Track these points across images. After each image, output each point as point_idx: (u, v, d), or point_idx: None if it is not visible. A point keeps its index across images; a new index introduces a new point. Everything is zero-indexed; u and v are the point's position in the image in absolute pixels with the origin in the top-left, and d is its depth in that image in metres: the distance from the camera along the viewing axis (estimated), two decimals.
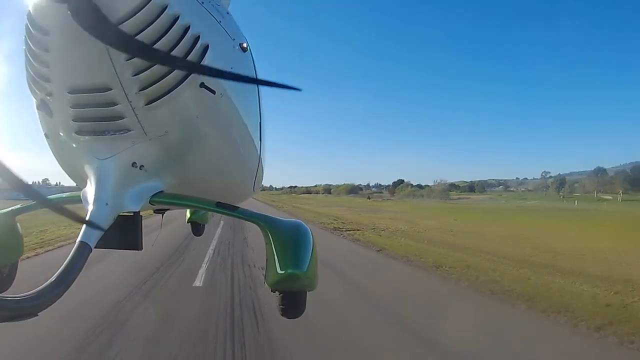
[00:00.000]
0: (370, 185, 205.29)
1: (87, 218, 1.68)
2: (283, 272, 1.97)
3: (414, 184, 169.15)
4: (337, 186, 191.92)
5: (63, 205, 1.58)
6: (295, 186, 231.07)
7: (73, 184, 2.33)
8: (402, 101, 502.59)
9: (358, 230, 16.15)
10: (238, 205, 2.28)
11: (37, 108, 1.86)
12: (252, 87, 2.47)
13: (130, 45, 1.39)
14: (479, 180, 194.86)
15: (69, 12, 1.28)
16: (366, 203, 71.04)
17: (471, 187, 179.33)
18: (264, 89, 2.69)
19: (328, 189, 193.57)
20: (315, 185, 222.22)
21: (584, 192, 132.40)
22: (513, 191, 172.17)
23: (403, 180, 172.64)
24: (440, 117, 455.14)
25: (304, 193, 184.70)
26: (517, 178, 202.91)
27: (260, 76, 2.40)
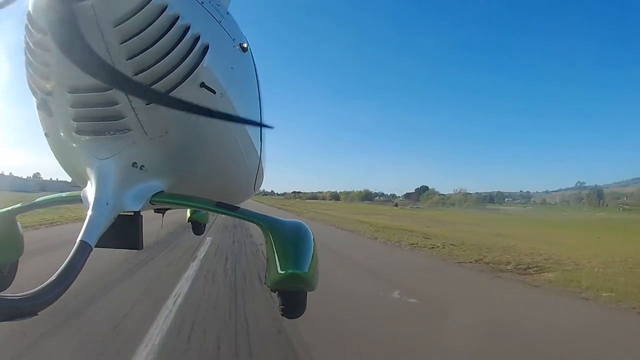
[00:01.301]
0: (375, 192, 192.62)
1: (87, 217, 1.67)
2: (284, 272, 1.94)
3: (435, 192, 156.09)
4: (346, 193, 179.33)
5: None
6: (299, 192, 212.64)
7: (69, 178, 2.30)
8: (407, 111, 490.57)
9: (545, 270, 6.95)
10: (238, 206, 2.27)
11: (38, 108, 1.83)
12: (252, 87, 2.46)
13: (126, 84, 1.44)
14: (497, 192, 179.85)
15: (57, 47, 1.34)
16: (400, 211, 58.92)
17: (490, 199, 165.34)
18: (264, 90, 2.68)
19: (335, 196, 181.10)
20: (319, 192, 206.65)
21: (617, 204, 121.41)
22: (535, 203, 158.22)
23: (427, 187, 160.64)
24: (443, 128, 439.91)
25: (309, 199, 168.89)
26: (520, 191, 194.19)
27: (261, 75, 2.57)
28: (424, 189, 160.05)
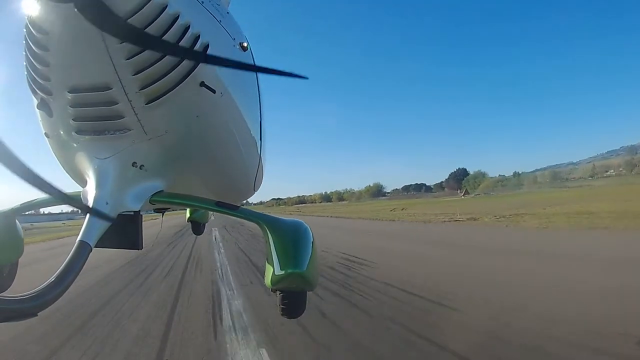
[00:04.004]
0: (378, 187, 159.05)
1: (87, 217, 1.66)
2: (283, 271, 1.95)
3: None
4: (345, 191, 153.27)
5: (67, 196, 1.58)
6: (280, 198, 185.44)
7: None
8: (375, 110, 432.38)
9: None
10: (238, 205, 2.32)
11: (37, 107, 1.83)
12: (252, 86, 2.46)
13: (136, 37, 1.37)
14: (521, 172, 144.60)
15: (75, 9, 1.29)
16: (490, 200, 47.46)
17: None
18: (263, 89, 2.68)
19: (327, 197, 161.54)
20: (306, 196, 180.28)
21: None
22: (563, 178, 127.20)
23: (466, 171, 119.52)
24: (416, 122, 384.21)
25: (296, 204, 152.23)
26: (533, 169, 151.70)
27: (260, 79, 2.54)
28: (463, 172, 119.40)
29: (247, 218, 2.16)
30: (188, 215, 5.55)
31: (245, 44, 2.08)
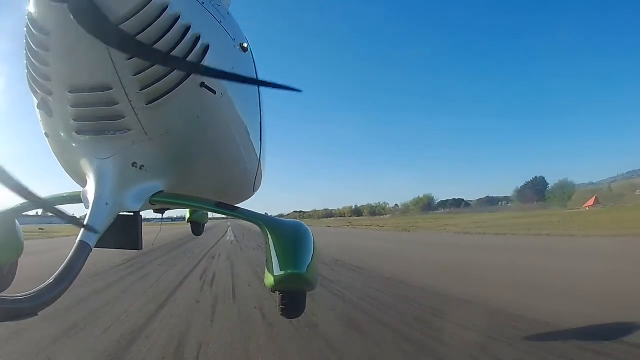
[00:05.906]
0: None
1: (87, 217, 1.67)
2: (283, 272, 1.95)
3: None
4: (377, 205, 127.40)
5: (58, 208, 1.58)
6: (303, 211, 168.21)
7: None
8: (396, 122, 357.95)
9: None
10: (238, 206, 2.32)
11: (38, 107, 1.83)
12: (252, 87, 2.48)
13: (130, 46, 1.43)
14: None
15: (70, 15, 1.31)
16: None
17: None
18: (264, 91, 2.68)
19: (357, 211, 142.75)
20: (333, 209, 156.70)
21: None
22: None
23: (545, 180, 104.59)
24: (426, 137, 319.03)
25: (323, 217, 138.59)
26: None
27: (261, 76, 2.51)
28: (541, 182, 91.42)
29: (247, 218, 2.16)
30: (188, 216, 5.57)
31: (245, 45, 2.06)
